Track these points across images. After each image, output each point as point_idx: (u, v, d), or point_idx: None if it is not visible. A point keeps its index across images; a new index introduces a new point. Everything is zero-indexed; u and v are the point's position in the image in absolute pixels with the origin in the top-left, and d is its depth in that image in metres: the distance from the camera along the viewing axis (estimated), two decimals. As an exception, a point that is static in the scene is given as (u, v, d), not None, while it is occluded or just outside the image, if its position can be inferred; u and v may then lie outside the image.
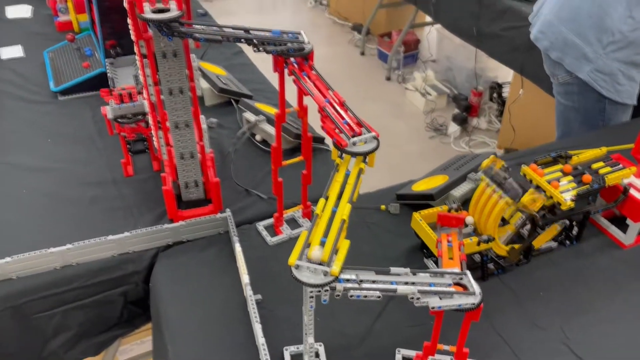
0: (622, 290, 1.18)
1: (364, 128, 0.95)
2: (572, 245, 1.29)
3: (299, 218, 1.35)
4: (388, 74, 4.32)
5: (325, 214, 0.87)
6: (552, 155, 1.26)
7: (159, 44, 1.06)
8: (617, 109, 1.72)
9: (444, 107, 3.92)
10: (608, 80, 1.65)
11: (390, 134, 3.67)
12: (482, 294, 0.87)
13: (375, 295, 0.84)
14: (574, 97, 1.78)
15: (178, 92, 1.13)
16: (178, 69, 1.09)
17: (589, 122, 1.78)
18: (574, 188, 1.17)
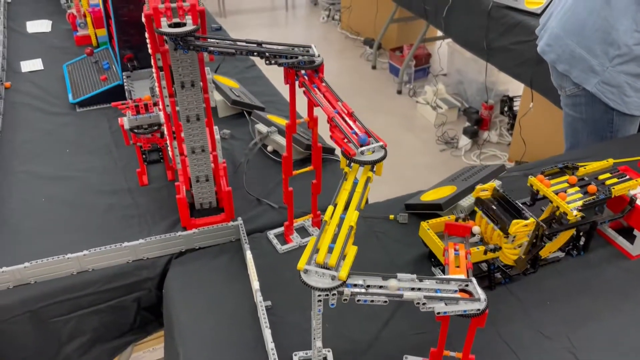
0: (629, 300, 1.19)
1: (372, 138, 0.98)
2: (580, 256, 1.30)
3: (309, 227, 1.38)
4: (399, 88, 4.35)
5: (333, 220, 0.90)
6: (559, 167, 1.28)
7: (178, 76, 1.10)
8: (626, 120, 1.73)
9: (455, 121, 3.94)
10: (615, 92, 1.67)
11: (401, 147, 3.70)
12: (487, 300, 0.88)
13: (381, 300, 0.86)
14: (581, 108, 1.79)
15: (195, 119, 1.17)
16: (195, 97, 1.14)
17: (597, 133, 1.80)
18: (581, 199, 1.19)
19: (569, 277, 1.24)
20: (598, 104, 1.73)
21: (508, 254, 1.17)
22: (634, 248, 1.27)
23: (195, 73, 1.11)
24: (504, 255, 1.18)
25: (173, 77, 1.12)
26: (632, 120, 1.74)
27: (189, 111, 1.15)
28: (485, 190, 1.19)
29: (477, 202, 1.19)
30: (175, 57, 1.08)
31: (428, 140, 3.80)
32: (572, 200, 1.19)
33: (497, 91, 3.87)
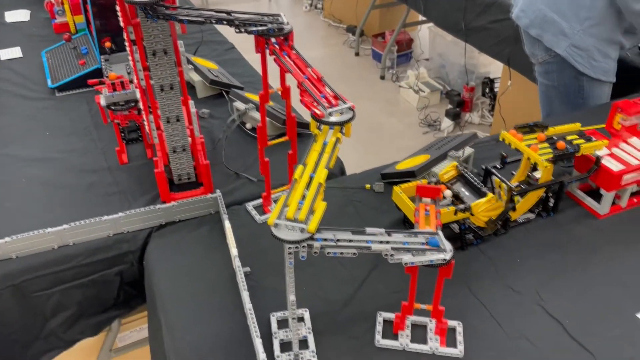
0: (596, 255, 1.23)
1: (340, 100, 1.01)
2: (549, 217, 1.34)
3: (287, 198, 1.40)
4: (382, 73, 4.38)
5: (303, 179, 0.93)
6: (530, 125, 1.31)
7: (150, 44, 1.12)
8: (595, 86, 1.78)
9: (438, 104, 3.98)
10: (584, 56, 1.72)
11: (385, 131, 3.73)
12: (453, 251, 0.92)
13: (351, 252, 0.89)
14: (553, 75, 1.85)
15: (169, 88, 1.19)
16: (168, 65, 1.15)
17: (569, 100, 1.85)
18: (551, 153, 1.22)
19: (539, 237, 1.28)
20: (568, 70, 1.78)
21: (479, 216, 1.21)
22: (602, 207, 1.31)
23: (167, 41, 1.13)
24: (476, 217, 1.22)
25: (146, 50, 1.14)
26: (601, 86, 1.79)
27: (163, 80, 1.17)
28: (448, 172, 1.24)
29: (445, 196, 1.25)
30: (146, 26, 1.10)
31: (411, 124, 3.83)
32: (542, 153, 1.23)
33: (479, 73, 3.91)
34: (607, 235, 1.28)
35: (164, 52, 1.12)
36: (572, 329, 1.06)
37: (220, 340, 1.06)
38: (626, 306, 1.11)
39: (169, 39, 1.13)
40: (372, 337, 1.05)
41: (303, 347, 1.03)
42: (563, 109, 1.88)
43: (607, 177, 1.26)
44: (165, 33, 1.12)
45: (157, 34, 1.11)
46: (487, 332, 1.07)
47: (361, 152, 3.41)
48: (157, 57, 1.13)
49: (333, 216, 1.37)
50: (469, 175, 1.26)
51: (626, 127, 1.34)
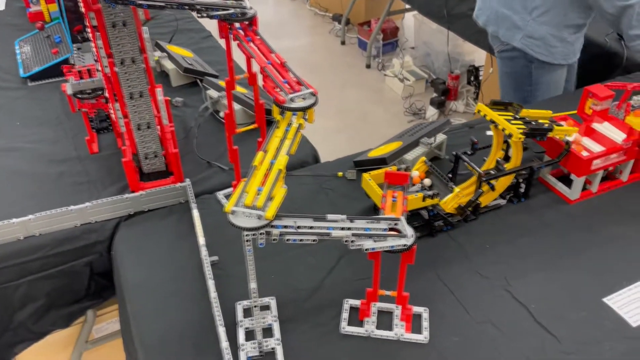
0: (565, 240, 1.23)
1: (303, 86, 0.99)
2: (520, 202, 1.33)
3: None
4: (368, 62, 4.36)
5: (263, 165, 0.91)
6: (505, 102, 1.30)
7: (109, 15, 1.10)
8: (543, 73, 1.80)
9: (423, 92, 3.97)
10: (541, 44, 1.73)
11: (370, 120, 3.72)
12: (415, 236, 0.91)
13: (311, 239, 0.88)
14: (507, 62, 1.89)
15: (130, 62, 1.17)
16: (129, 38, 1.13)
17: (520, 87, 1.89)
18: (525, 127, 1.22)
19: (510, 222, 1.28)
20: (519, 58, 1.81)
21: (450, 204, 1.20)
22: (572, 192, 1.31)
23: (127, 13, 1.11)
24: (445, 203, 1.21)
25: (105, 24, 1.12)
26: (550, 73, 1.80)
27: (124, 54, 1.15)
28: (418, 168, 1.24)
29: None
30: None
31: (396, 112, 3.82)
32: (517, 126, 1.22)
33: (464, 61, 3.90)
34: (577, 221, 1.28)
35: (123, 24, 1.10)
36: (537, 314, 1.06)
37: (187, 329, 1.05)
38: (593, 291, 1.11)
39: (129, 11, 1.11)
40: (338, 324, 1.05)
41: (268, 335, 1.03)
42: (515, 97, 1.92)
43: (577, 162, 1.26)
44: (126, 11, 1.10)
45: (118, 13, 1.09)
46: (454, 317, 1.07)
47: (346, 141, 3.40)
48: (117, 29, 1.11)
49: (305, 204, 1.36)
50: (436, 172, 1.25)
51: (597, 112, 1.34)
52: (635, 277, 1.13)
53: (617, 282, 1.12)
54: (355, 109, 3.76)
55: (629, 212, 1.29)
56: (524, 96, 1.89)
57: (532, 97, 1.87)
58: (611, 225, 1.26)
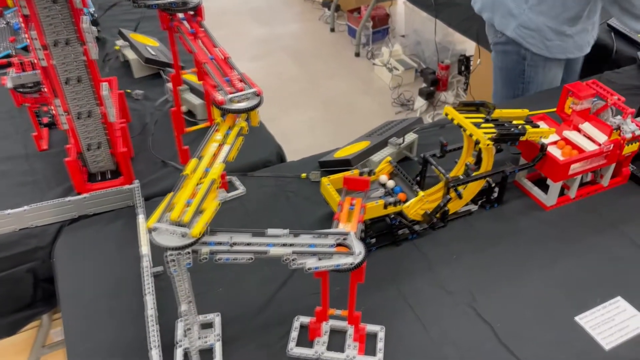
0: (538, 251, 1.14)
1: (246, 85, 0.90)
2: (493, 208, 1.25)
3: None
4: (357, 50, 4.24)
5: (195, 174, 0.82)
6: (476, 103, 1.21)
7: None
8: (538, 72, 1.69)
9: (412, 82, 3.86)
10: (536, 36, 1.61)
11: (357, 110, 3.61)
12: (364, 253, 0.82)
13: (246, 258, 0.80)
14: (500, 56, 1.77)
15: (63, 44, 1.07)
16: (61, 17, 1.03)
17: (511, 84, 1.77)
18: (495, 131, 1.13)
19: (480, 230, 1.20)
20: (512, 54, 1.70)
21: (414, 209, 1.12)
22: (548, 198, 1.23)
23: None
24: (410, 210, 1.12)
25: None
26: (544, 71, 1.69)
27: (57, 35, 1.05)
28: (383, 168, 1.15)
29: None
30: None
31: (384, 103, 3.72)
32: (486, 132, 1.13)
33: (455, 51, 3.78)
34: (552, 229, 1.19)
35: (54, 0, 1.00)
36: (502, 333, 0.98)
37: (119, 349, 0.97)
38: (565, 308, 1.03)
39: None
40: (286, 344, 0.97)
41: (208, 357, 0.94)
42: (505, 93, 1.81)
43: (553, 166, 1.17)
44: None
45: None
46: (412, 337, 0.98)
47: (331, 133, 3.31)
48: (48, 9, 1.01)
49: (264, 208, 1.27)
50: (402, 174, 1.16)
51: (577, 112, 1.25)
52: (610, 293, 1.05)
53: (591, 299, 1.04)
54: (342, 99, 3.66)
55: (608, 221, 1.21)
56: (515, 94, 1.78)
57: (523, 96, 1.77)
58: (588, 235, 1.17)
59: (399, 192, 1.11)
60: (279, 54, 4.20)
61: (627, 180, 1.30)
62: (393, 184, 1.14)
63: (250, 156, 1.43)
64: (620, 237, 1.17)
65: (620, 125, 1.19)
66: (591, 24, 1.63)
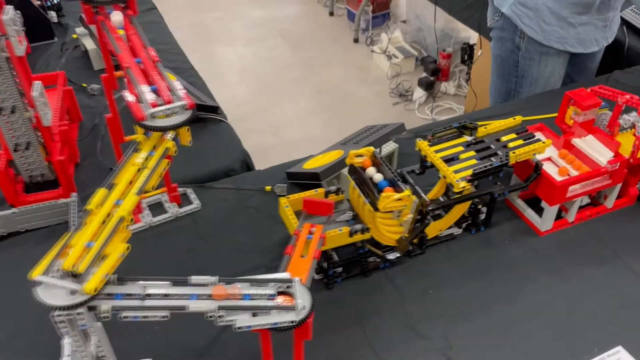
0: (527, 286, 0.99)
1: (175, 96, 0.75)
2: (480, 232, 1.09)
3: (166, 202, 1.15)
4: (355, 36, 4.05)
5: (103, 209, 0.67)
6: (454, 126, 1.05)
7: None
8: (532, 65, 1.53)
9: (413, 71, 3.67)
10: (533, 16, 1.44)
11: (353, 101, 3.44)
12: (310, 306, 0.68)
13: (159, 316, 0.65)
14: (496, 43, 1.61)
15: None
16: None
17: (504, 75, 1.61)
18: (473, 167, 0.97)
19: (463, 259, 1.04)
20: (507, 41, 1.53)
21: (386, 234, 0.96)
22: (543, 222, 1.07)
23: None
24: (380, 234, 0.97)
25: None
26: (540, 67, 1.52)
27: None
28: (362, 156, 0.97)
29: (351, 170, 0.97)
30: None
31: (382, 93, 3.54)
32: (463, 167, 0.98)
33: (458, 38, 3.58)
34: (546, 260, 1.04)
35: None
36: (480, 392, 0.84)
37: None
38: (554, 357, 0.88)
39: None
40: (223, 400, 0.83)
41: (130, 414, 0.81)
42: (499, 86, 1.65)
43: (549, 187, 1.01)
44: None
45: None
46: (374, 393, 0.84)
47: (323, 125, 3.14)
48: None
49: (218, 228, 1.12)
50: (386, 166, 0.98)
51: (580, 123, 1.08)
52: (610, 341, 0.90)
53: (587, 349, 0.89)
54: (338, 88, 3.48)
55: (610, 250, 1.05)
56: (508, 88, 1.62)
57: (517, 92, 1.60)
58: (587, 268, 1.02)
59: (385, 187, 0.92)
60: (275, 39, 4.02)
61: (634, 202, 1.14)
62: (380, 177, 0.96)
63: (211, 163, 1.28)
64: (623, 270, 1.02)
65: (635, 124, 1.02)
66: (602, 20, 1.45)
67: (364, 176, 0.93)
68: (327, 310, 0.95)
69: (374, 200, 0.89)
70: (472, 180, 0.96)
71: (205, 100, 1.40)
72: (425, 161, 1.03)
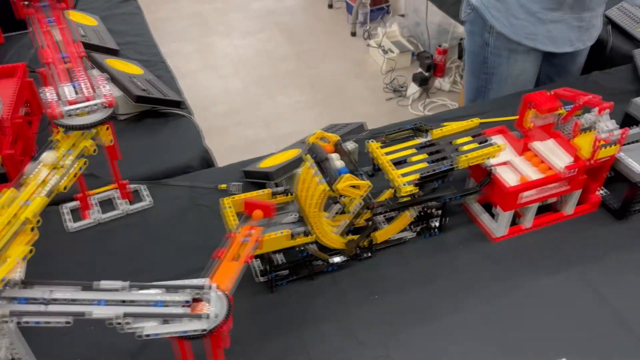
0: (475, 294, 0.96)
1: (96, 94, 0.72)
2: (434, 236, 1.06)
3: (117, 199, 1.14)
4: (353, 29, 4.00)
5: (9, 210, 0.66)
6: (408, 127, 1.03)
7: None
8: (501, 62, 1.48)
9: (409, 66, 3.63)
10: (502, 9, 1.40)
11: (345, 96, 3.40)
12: (222, 316, 0.66)
13: (62, 321, 0.63)
14: (467, 37, 1.57)
15: None
16: None
17: (474, 71, 1.58)
18: (420, 170, 0.94)
19: (413, 264, 1.02)
20: (477, 35, 1.49)
21: (328, 236, 0.94)
22: (497, 228, 1.04)
23: None
24: (328, 238, 0.94)
25: None
26: (509, 64, 1.48)
27: None
28: (327, 140, 0.95)
29: (312, 149, 0.94)
30: None
31: (376, 88, 3.50)
32: (412, 171, 0.95)
33: (455, 33, 3.53)
34: (497, 267, 1.01)
35: None
36: (413, 404, 0.81)
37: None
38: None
39: None
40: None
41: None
42: (471, 83, 1.61)
43: (501, 193, 0.98)
44: None
45: None
46: (304, 401, 0.82)
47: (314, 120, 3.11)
48: None
49: (167, 226, 1.10)
50: (348, 157, 0.95)
51: (539, 126, 1.05)
52: (554, 354, 0.87)
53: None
54: (332, 82, 3.45)
55: (565, 259, 1.02)
56: (478, 86, 1.58)
57: (486, 90, 1.56)
58: (539, 276, 0.99)
59: (343, 174, 0.87)
60: (272, 31, 3.98)
61: (596, 208, 1.10)
62: (342, 164, 0.93)
63: (170, 160, 1.26)
64: (578, 280, 0.98)
65: (594, 124, 0.99)
66: (577, 19, 1.41)
67: (327, 155, 0.90)
68: (267, 314, 0.94)
69: (333, 179, 0.86)
70: (418, 184, 0.93)
71: (169, 94, 1.38)
72: (375, 163, 1.00)
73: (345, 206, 0.94)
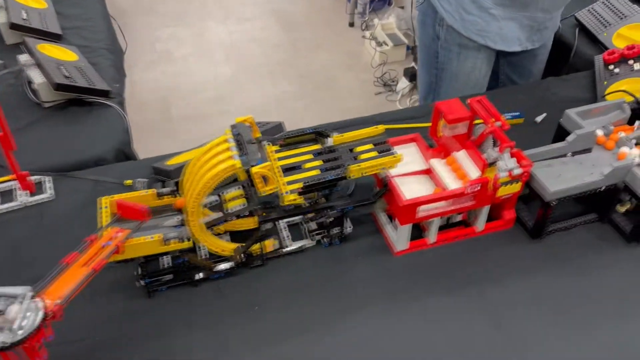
0: (362, 311, 0.91)
1: None
2: (333, 246, 1.01)
3: (18, 190, 1.11)
4: (351, 20, 3.92)
5: None
6: (309, 131, 0.97)
7: None
8: (452, 58, 1.41)
9: (403, 60, 3.54)
10: (453, 2, 1.34)
11: (335, 88, 3.33)
12: (30, 330, 0.62)
13: None
14: (419, 28, 1.50)
15: None
16: None
17: (425, 66, 1.51)
18: (306, 179, 0.89)
19: (306, 274, 0.97)
20: (429, 26, 1.42)
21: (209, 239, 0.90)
22: (397, 241, 0.98)
23: None
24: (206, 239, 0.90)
25: None
26: (459, 60, 1.41)
27: None
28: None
29: (237, 127, 0.93)
30: None
31: (367, 81, 3.42)
32: (301, 178, 0.90)
33: (452, 28, 3.43)
34: (393, 282, 0.95)
35: None
36: None
37: None
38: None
39: None
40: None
41: None
42: (422, 76, 1.55)
43: (397, 206, 0.92)
44: None
45: None
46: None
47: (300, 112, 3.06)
48: None
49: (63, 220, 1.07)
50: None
51: (450, 137, 0.98)
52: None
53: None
54: (322, 73, 3.38)
55: (467, 276, 0.95)
56: (430, 81, 1.52)
57: (437, 86, 1.49)
58: (435, 294, 0.93)
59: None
60: (268, 18, 3.93)
61: (511, 225, 1.03)
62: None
63: (84, 150, 1.23)
64: (475, 299, 0.92)
65: (496, 160, 0.93)
66: (529, 19, 1.32)
67: (254, 139, 0.88)
68: (139, 320, 0.90)
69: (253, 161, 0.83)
70: (303, 193, 0.88)
71: (96, 82, 1.34)
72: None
73: (226, 202, 0.91)
